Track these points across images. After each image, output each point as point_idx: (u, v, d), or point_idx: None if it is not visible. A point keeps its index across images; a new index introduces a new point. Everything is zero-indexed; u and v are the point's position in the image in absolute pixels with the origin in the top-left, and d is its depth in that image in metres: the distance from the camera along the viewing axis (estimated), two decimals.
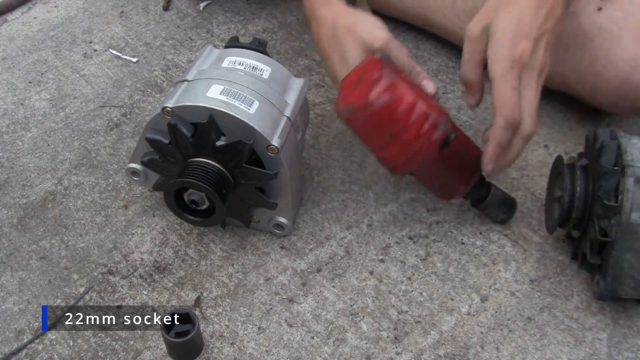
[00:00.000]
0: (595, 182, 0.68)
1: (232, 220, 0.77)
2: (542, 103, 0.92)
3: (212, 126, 0.68)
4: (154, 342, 0.69)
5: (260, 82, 0.72)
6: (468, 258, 0.76)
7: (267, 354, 0.68)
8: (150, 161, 0.74)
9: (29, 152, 0.88)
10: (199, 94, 0.69)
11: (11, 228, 0.80)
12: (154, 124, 0.71)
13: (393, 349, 0.68)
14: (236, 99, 0.69)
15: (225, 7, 1.09)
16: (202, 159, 0.70)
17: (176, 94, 0.71)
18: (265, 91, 0.72)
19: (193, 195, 0.71)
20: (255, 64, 0.74)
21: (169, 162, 0.72)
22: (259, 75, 0.73)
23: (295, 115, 0.73)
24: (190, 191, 0.71)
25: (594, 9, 0.79)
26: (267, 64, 0.74)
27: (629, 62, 0.77)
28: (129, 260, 0.76)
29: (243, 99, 0.69)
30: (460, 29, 0.89)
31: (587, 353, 0.68)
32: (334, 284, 0.74)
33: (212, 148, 0.69)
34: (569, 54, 0.81)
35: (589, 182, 0.68)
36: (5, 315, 0.71)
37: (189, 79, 0.72)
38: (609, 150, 0.67)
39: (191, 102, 0.69)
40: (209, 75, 0.72)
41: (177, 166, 0.72)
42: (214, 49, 0.78)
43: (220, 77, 0.71)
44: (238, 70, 0.72)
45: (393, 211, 0.80)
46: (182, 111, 0.69)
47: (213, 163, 0.70)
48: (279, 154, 0.69)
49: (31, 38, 1.05)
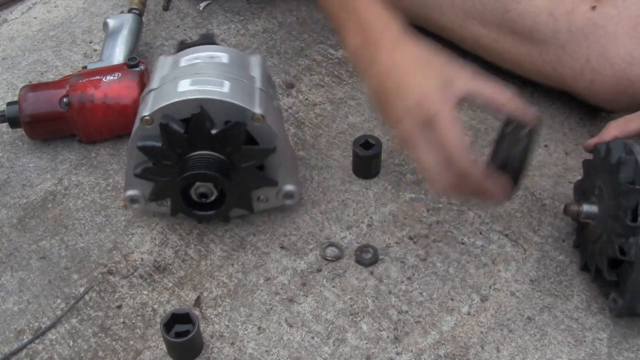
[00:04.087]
0: (612, 199, 0.66)
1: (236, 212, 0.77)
2: (542, 103, 0.93)
3: (205, 115, 0.68)
4: (154, 342, 0.69)
5: (223, 66, 0.73)
6: (468, 258, 0.76)
7: (267, 354, 0.68)
8: (144, 171, 0.72)
9: (29, 152, 0.88)
10: (171, 93, 0.70)
11: (11, 228, 0.80)
12: (137, 139, 0.70)
13: (393, 349, 0.68)
14: (207, 85, 0.69)
15: (225, 7, 1.09)
16: (200, 152, 0.70)
17: (149, 103, 0.70)
18: (230, 71, 0.72)
19: (201, 188, 0.71)
20: (211, 54, 0.75)
21: (163, 166, 0.72)
22: (219, 61, 0.74)
23: (266, 86, 0.75)
24: (197, 185, 0.71)
25: (589, 7, 0.80)
26: (222, 51, 0.76)
27: (625, 57, 0.78)
28: (129, 260, 0.76)
29: (213, 83, 0.70)
30: (459, 27, 0.90)
31: (587, 353, 0.68)
32: (334, 284, 0.74)
33: (208, 138, 0.69)
34: (565, 52, 0.82)
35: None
36: (5, 315, 0.71)
37: (154, 87, 0.72)
38: (627, 166, 0.65)
39: (166, 102, 0.69)
40: (173, 76, 0.72)
41: (173, 168, 0.71)
42: (167, 57, 0.78)
43: (183, 73, 0.72)
44: (198, 64, 0.73)
45: (393, 211, 0.80)
46: (161, 114, 0.69)
47: (211, 153, 0.70)
48: (266, 121, 0.69)
49: (31, 38, 1.05)
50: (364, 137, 0.82)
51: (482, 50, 0.91)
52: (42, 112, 0.85)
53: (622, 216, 0.64)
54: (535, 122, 0.66)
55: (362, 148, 0.82)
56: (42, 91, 0.85)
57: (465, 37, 0.90)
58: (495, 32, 0.87)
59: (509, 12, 0.84)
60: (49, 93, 0.85)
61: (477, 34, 0.89)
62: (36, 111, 0.84)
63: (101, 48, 0.94)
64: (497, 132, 0.68)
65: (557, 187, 0.82)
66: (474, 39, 0.90)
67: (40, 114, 0.85)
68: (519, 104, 0.66)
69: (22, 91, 0.85)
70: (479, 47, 0.91)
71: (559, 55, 0.82)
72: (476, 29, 0.88)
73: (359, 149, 0.82)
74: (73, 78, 0.85)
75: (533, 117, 0.66)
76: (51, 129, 0.87)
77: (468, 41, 0.91)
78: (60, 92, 0.85)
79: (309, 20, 1.06)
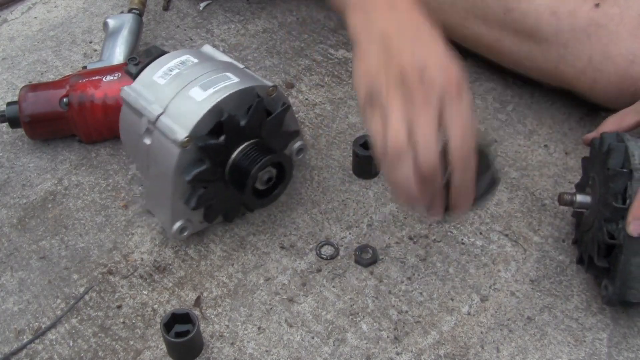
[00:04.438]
0: (603, 186, 0.67)
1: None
2: (542, 103, 0.92)
3: (261, 104, 0.70)
4: (154, 342, 0.69)
5: (203, 64, 0.73)
6: (468, 258, 0.76)
7: (267, 354, 0.68)
8: (199, 174, 0.69)
9: (29, 152, 0.88)
10: (193, 106, 0.68)
11: (11, 228, 0.80)
12: (181, 172, 0.68)
13: (393, 349, 0.68)
14: (217, 83, 0.69)
15: (225, 7, 1.09)
16: (243, 145, 0.71)
17: (171, 127, 0.67)
18: (215, 66, 0.73)
19: (265, 174, 0.72)
20: (178, 60, 0.73)
21: (215, 183, 0.71)
22: (194, 62, 0.73)
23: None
24: (262, 174, 0.71)
25: (591, 6, 0.80)
26: (181, 54, 0.74)
27: (627, 56, 0.78)
28: (129, 260, 0.76)
29: (219, 79, 0.70)
30: (461, 26, 0.90)
31: (587, 353, 0.68)
32: (334, 284, 0.74)
33: (241, 131, 0.70)
34: (567, 51, 0.82)
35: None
36: (5, 315, 0.72)
37: (159, 112, 0.69)
38: (617, 152, 0.66)
39: (199, 115, 0.67)
40: (172, 93, 0.70)
41: (222, 167, 0.70)
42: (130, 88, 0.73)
43: (179, 85, 0.70)
44: (181, 73, 0.72)
45: (393, 211, 0.80)
46: (198, 130, 0.67)
47: (249, 141, 0.71)
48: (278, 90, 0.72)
49: (31, 38, 1.05)
50: (364, 137, 0.82)
51: (484, 49, 0.91)
52: (42, 112, 0.85)
53: (611, 200, 0.65)
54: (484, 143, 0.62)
55: (362, 148, 0.82)
56: (42, 91, 0.85)
57: (466, 35, 0.90)
58: (497, 31, 0.87)
59: (511, 11, 0.84)
60: (49, 93, 0.85)
61: (479, 33, 0.89)
62: (36, 111, 0.84)
63: (101, 48, 0.94)
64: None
65: (557, 187, 0.82)
66: (476, 38, 0.90)
67: (40, 114, 0.85)
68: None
69: (22, 91, 0.85)
70: (481, 45, 0.91)
71: (561, 54, 0.82)
72: (477, 27, 0.88)
73: (359, 149, 0.82)
74: (73, 78, 0.85)
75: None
76: (51, 129, 0.87)
77: (469, 40, 0.91)
78: (60, 92, 0.85)
79: (309, 20, 1.06)
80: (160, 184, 0.71)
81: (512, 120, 0.90)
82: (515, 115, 0.91)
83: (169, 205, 0.71)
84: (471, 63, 0.96)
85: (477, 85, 0.94)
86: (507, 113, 0.91)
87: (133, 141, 0.73)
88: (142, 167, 0.74)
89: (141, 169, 0.77)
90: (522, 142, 0.87)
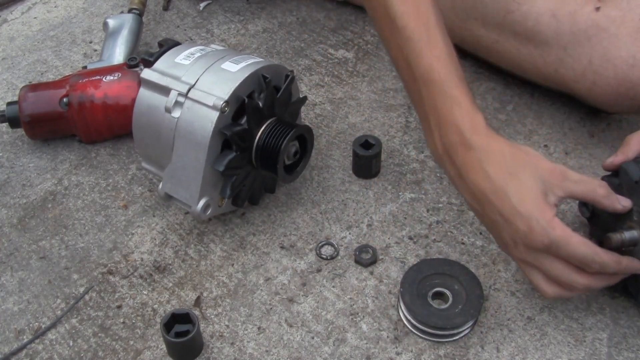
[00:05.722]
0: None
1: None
2: (542, 103, 0.92)
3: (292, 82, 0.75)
4: (154, 342, 0.69)
5: (222, 49, 0.76)
6: (468, 258, 0.76)
7: (267, 354, 0.68)
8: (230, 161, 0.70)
9: (29, 152, 0.88)
10: (229, 75, 0.70)
11: (11, 228, 0.80)
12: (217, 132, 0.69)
13: (393, 349, 0.68)
14: (246, 60, 0.73)
15: (225, 7, 1.09)
16: (270, 119, 0.73)
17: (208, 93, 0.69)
18: (234, 51, 0.78)
19: (292, 148, 0.74)
20: (196, 48, 0.76)
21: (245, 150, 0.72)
22: (213, 49, 0.76)
23: None
24: (289, 147, 0.73)
25: (592, 9, 0.80)
26: (196, 45, 0.77)
27: (628, 60, 0.78)
28: (129, 260, 0.76)
29: (247, 57, 0.73)
30: (460, 28, 0.90)
31: (587, 353, 0.68)
32: (334, 284, 0.74)
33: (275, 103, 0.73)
34: (567, 54, 0.82)
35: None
36: (5, 315, 0.72)
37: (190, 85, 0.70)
38: None
39: (238, 80, 0.69)
40: (203, 68, 0.72)
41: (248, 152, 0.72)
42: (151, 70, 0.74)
43: (208, 63, 0.72)
44: (203, 55, 0.74)
45: (393, 211, 0.80)
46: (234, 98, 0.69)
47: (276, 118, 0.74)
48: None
49: (31, 38, 1.05)
50: (364, 137, 0.82)
51: (483, 51, 0.91)
52: (42, 112, 0.85)
53: None
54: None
55: (362, 148, 0.82)
56: (42, 91, 0.85)
57: (465, 37, 0.90)
58: (496, 33, 0.87)
59: (511, 14, 0.84)
60: (49, 93, 0.85)
61: (478, 35, 0.89)
62: (36, 111, 0.85)
63: (101, 48, 0.94)
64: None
65: None
66: (475, 40, 0.90)
67: (40, 113, 0.85)
68: (612, 196, 0.65)
69: (22, 91, 0.85)
70: (480, 47, 0.91)
71: (560, 57, 0.82)
72: (477, 29, 0.88)
73: (359, 149, 0.82)
74: (73, 78, 0.86)
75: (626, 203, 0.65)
76: (51, 129, 0.87)
77: (468, 42, 0.91)
78: (60, 92, 0.85)
79: (309, 20, 1.07)
80: (192, 155, 0.70)
81: (512, 120, 0.90)
82: (515, 115, 0.91)
83: (199, 178, 0.70)
84: (471, 63, 0.96)
85: (477, 85, 0.94)
86: (507, 113, 0.91)
87: (154, 122, 0.72)
88: (164, 147, 0.72)
89: (160, 152, 0.73)
90: (522, 142, 0.87)
